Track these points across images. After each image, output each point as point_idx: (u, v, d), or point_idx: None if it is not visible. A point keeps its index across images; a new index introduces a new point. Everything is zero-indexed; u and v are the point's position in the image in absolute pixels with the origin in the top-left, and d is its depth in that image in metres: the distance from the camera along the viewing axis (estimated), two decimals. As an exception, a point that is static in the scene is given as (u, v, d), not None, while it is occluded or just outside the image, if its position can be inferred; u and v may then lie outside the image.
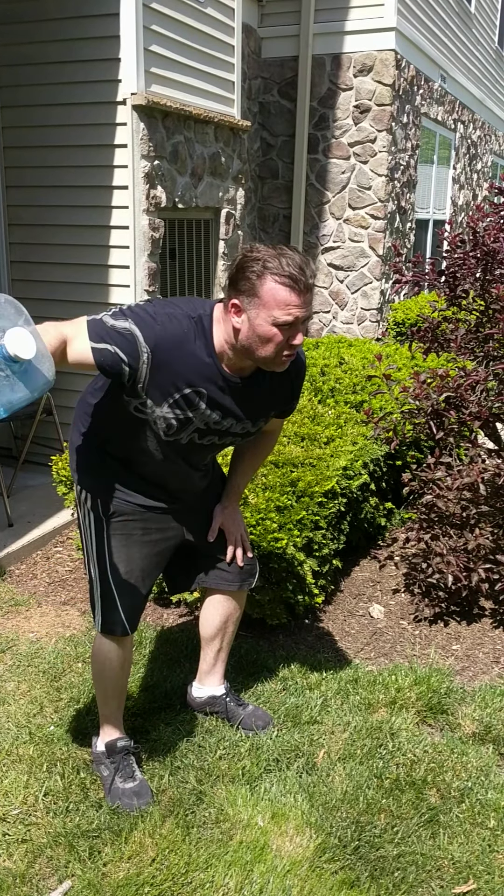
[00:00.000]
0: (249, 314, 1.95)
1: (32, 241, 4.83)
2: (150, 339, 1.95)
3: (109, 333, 1.93)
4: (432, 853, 2.17)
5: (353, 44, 7.16)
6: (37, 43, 4.53)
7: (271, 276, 1.90)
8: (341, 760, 2.51)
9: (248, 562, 2.53)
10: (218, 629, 2.59)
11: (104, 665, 2.35)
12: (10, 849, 2.16)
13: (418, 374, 3.48)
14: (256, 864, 2.11)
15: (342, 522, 3.47)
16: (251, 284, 1.92)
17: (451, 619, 3.39)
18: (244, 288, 1.93)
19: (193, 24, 4.87)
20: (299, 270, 1.90)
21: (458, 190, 10.43)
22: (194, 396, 2.05)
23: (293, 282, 1.89)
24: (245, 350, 2.00)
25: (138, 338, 1.94)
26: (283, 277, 1.89)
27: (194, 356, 2.01)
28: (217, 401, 2.09)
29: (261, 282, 1.91)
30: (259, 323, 1.94)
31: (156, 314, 1.98)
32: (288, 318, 1.92)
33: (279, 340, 1.95)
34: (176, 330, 1.98)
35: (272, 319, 1.92)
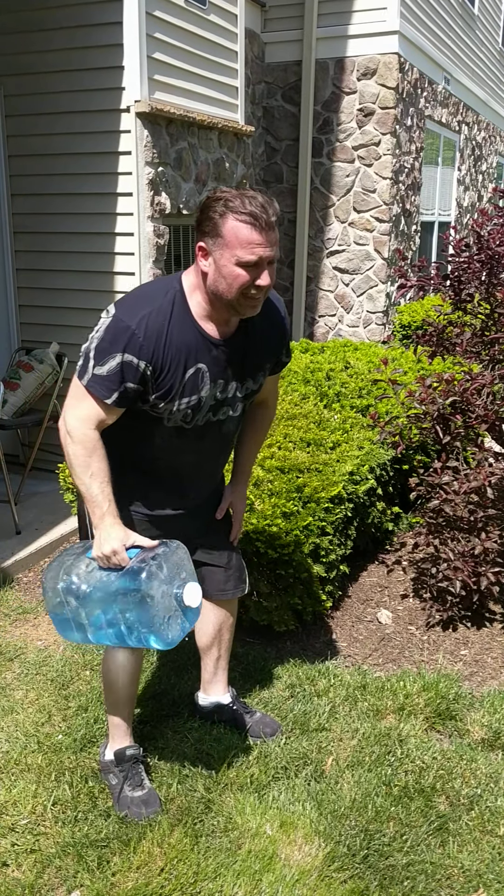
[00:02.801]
0: (214, 256, 1.96)
1: (38, 249, 4.84)
2: (140, 353, 1.99)
3: (109, 378, 2.00)
4: (442, 862, 2.16)
5: (357, 47, 7.16)
6: (41, 52, 4.54)
7: (233, 215, 1.91)
8: (350, 768, 2.50)
9: (238, 569, 2.52)
10: (213, 638, 2.59)
11: (115, 675, 2.34)
12: (20, 859, 2.16)
13: (424, 379, 3.48)
14: (265, 873, 2.11)
15: (349, 527, 3.46)
16: (214, 224, 1.94)
17: (459, 624, 3.38)
18: (208, 229, 1.96)
19: (196, 31, 4.88)
20: (261, 209, 1.91)
21: (463, 191, 10.41)
22: (196, 377, 2.08)
23: (254, 219, 1.91)
24: (214, 295, 2.01)
25: (132, 362, 1.99)
26: (244, 215, 1.91)
27: (180, 336, 2.04)
28: (217, 372, 2.11)
29: (223, 221, 1.92)
30: (223, 264, 1.95)
31: (129, 321, 1.99)
32: (251, 257, 1.93)
33: (244, 281, 1.95)
34: (155, 324, 2.01)
35: (235, 259, 1.93)
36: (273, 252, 1.96)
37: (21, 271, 4.94)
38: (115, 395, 2.01)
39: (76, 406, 2.06)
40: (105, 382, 2.01)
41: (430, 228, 9.21)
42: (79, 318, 4.73)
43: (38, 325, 4.92)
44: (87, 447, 2.03)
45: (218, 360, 2.11)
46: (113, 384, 2.00)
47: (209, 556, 2.46)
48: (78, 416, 2.05)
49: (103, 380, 2.00)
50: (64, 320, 4.84)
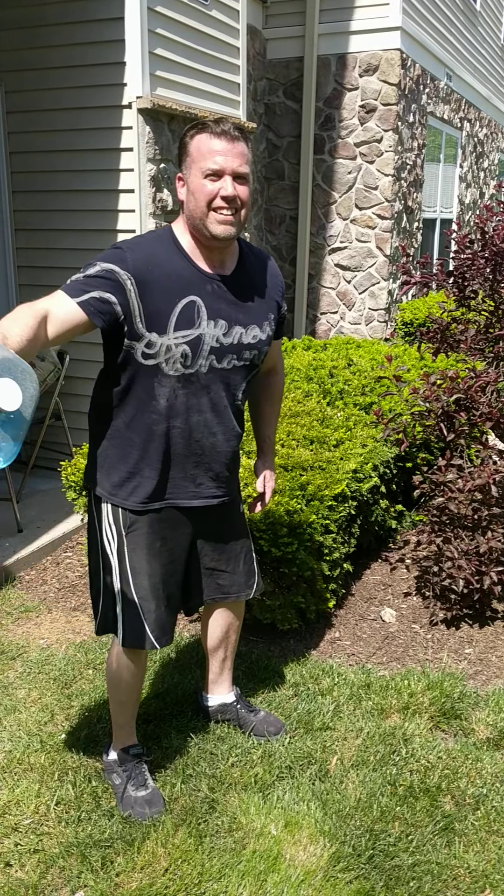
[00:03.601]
0: (187, 178, 2.03)
1: (39, 246, 4.82)
2: (126, 266, 1.97)
3: (88, 283, 1.95)
4: (448, 862, 2.15)
5: (359, 44, 7.14)
6: (42, 48, 4.53)
7: (199, 133, 1.99)
8: (354, 767, 2.49)
9: (247, 572, 2.46)
10: (221, 640, 2.58)
11: (120, 675, 2.33)
12: (23, 859, 2.15)
13: (428, 376, 3.46)
14: (270, 873, 2.09)
15: (352, 526, 3.45)
16: (184, 147, 2.02)
17: (463, 623, 3.37)
18: (182, 156, 2.03)
19: (198, 27, 4.86)
20: (226, 125, 1.98)
21: (465, 188, 10.38)
22: (191, 309, 2.04)
23: (214, 125, 1.98)
24: (191, 221, 2.04)
25: (115, 271, 1.96)
26: (205, 128, 1.99)
27: (171, 264, 2.04)
28: (214, 308, 2.08)
29: (191, 140, 2.00)
30: (192, 181, 2.01)
31: (123, 245, 2.02)
32: (213, 165, 1.96)
33: (209, 192, 1.98)
34: (146, 247, 2.03)
35: (200, 170, 1.98)
36: (238, 164, 1.98)
37: (22, 268, 4.92)
38: (85, 295, 1.91)
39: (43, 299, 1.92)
40: (79, 284, 1.93)
41: (432, 225, 9.18)
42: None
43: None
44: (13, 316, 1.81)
45: (216, 297, 2.08)
46: (87, 286, 1.92)
47: (217, 561, 2.39)
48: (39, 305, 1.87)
49: (77, 282, 1.94)
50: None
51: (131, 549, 2.19)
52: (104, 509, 2.20)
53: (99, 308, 1.94)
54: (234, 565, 2.41)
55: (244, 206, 2.03)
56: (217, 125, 1.98)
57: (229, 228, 2.02)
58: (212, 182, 1.97)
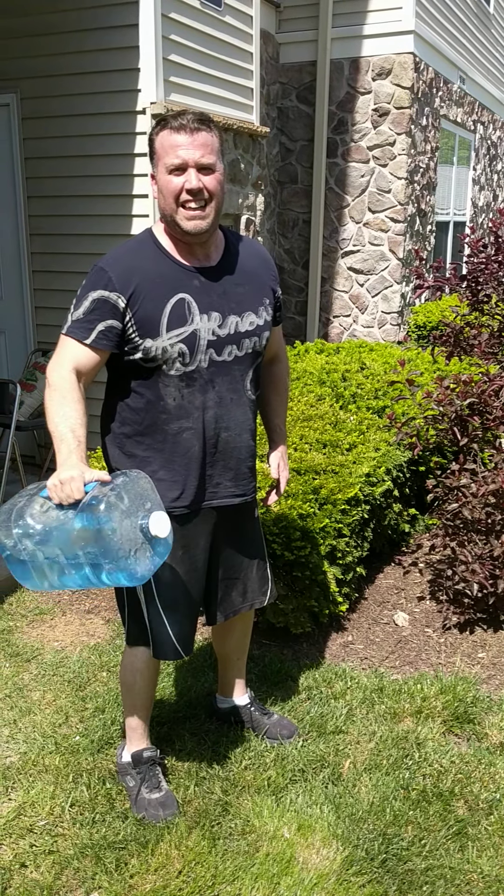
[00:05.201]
0: (157, 177, 2.04)
1: (54, 251, 4.86)
2: (112, 286, 2.01)
3: (88, 320, 2.01)
4: (461, 867, 2.15)
5: (372, 47, 7.14)
6: (57, 55, 4.56)
7: (161, 130, 2.01)
8: (367, 771, 2.49)
9: (260, 580, 2.44)
10: (232, 645, 2.59)
11: (134, 678, 2.34)
12: (38, 860, 2.17)
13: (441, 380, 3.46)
14: (283, 876, 2.10)
15: (365, 529, 3.45)
16: (152, 147, 2.05)
17: (477, 627, 3.36)
18: (151, 154, 2.06)
19: (212, 33, 4.88)
20: (185, 118, 1.99)
21: (479, 191, 10.36)
22: (181, 307, 2.05)
23: (172, 120, 2.00)
24: (162, 217, 2.07)
25: (105, 296, 2.01)
26: (165, 124, 2.01)
27: (154, 267, 2.06)
28: (204, 301, 2.08)
29: (156, 139, 2.03)
30: (160, 178, 2.03)
31: (102, 265, 2.06)
32: (175, 159, 1.98)
33: (174, 187, 2.00)
34: (125, 258, 2.07)
35: (165, 167, 2.00)
36: (200, 155, 1.99)
37: (37, 273, 4.96)
38: (93, 333, 2.01)
39: (56, 355, 2.05)
40: (82, 324, 2.02)
41: (446, 228, 9.17)
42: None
43: (55, 326, 4.93)
44: (61, 389, 1.99)
45: (204, 290, 2.09)
46: (90, 323, 2.01)
47: (232, 568, 2.36)
48: (58, 361, 2.04)
49: (80, 322, 2.02)
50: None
51: None
52: None
53: (108, 337, 2.03)
54: (247, 572, 2.40)
55: (213, 198, 2.02)
56: (176, 119, 1.99)
57: (199, 223, 2.03)
58: (176, 177, 1.99)
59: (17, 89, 4.72)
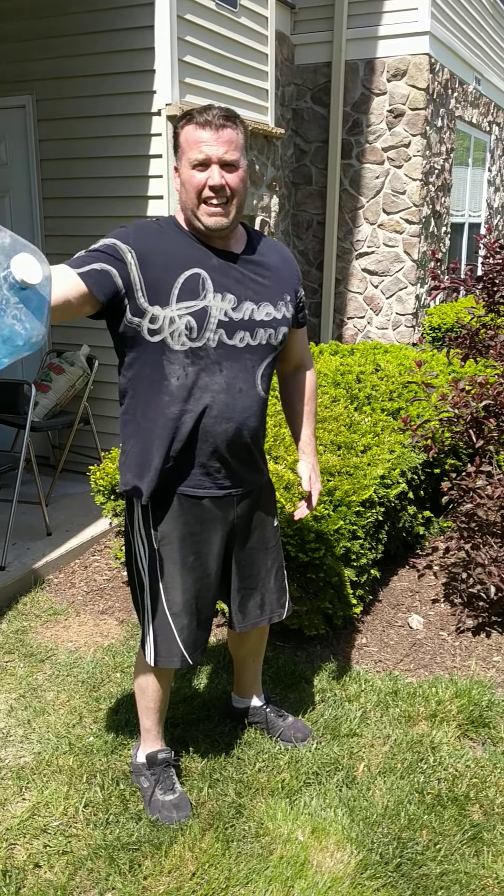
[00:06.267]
0: (180, 170, 2.04)
1: (69, 252, 4.85)
2: (126, 238, 2.01)
3: (89, 256, 1.99)
4: (476, 872, 2.13)
5: (387, 48, 7.12)
6: (72, 56, 4.58)
7: (187, 124, 2.00)
8: (382, 774, 2.48)
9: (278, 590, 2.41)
10: (248, 648, 2.58)
11: (147, 681, 2.34)
12: (52, 860, 2.17)
13: (457, 382, 3.44)
14: (297, 879, 2.09)
15: (380, 532, 3.44)
16: (177, 140, 2.04)
17: (492, 630, 3.34)
18: (175, 148, 2.05)
19: (227, 34, 4.89)
20: (211, 113, 1.98)
21: (494, 192, 10.31)
22: (195, 281, 2.02)
23: (198, 115, 1.98)
24: (185, 213, 2.06)
25: (116, 243, 2.00)
26: (191, 118, 2.00)
27: (172, 240, 2.06)
28: (220, 281, 2.05)
29: (181, 132, 2.02)
30: (183, 172, 2.03)
31: (128, 225, 2.06)
32: (199, 155, 1.97)
33: (197, 182, 1.99)
34: (151, 225, 2.09)
35: (188, 162, 2.00)
36: (224, 152, 1.97)
37: (52, 274, 4.97)
38: (86, 267, 1.93)
39: None
40: (80, 257, 1.98)
41: (461, 230, 9.13)
42: (109, 321, 4.74)
43: (69, 327, 4.95)
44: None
45: (222, 271, 2.06)
46: (88, 259, 1.97)
47: (248, 578, 2.33)
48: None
49: (80, 257, 1.99)
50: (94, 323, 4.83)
51: (164, 563, 2.16)
52: (136, 514, 2.19)
53: (99, 280, 1.94)
54: (265, 582, 2.36)
55: (235, 195, 2.01)
56: (202, 114, 1.98)
57: (220, 220, 2.02)
58: (200, 172, 1.99)
59: (33, 91, 4.74)
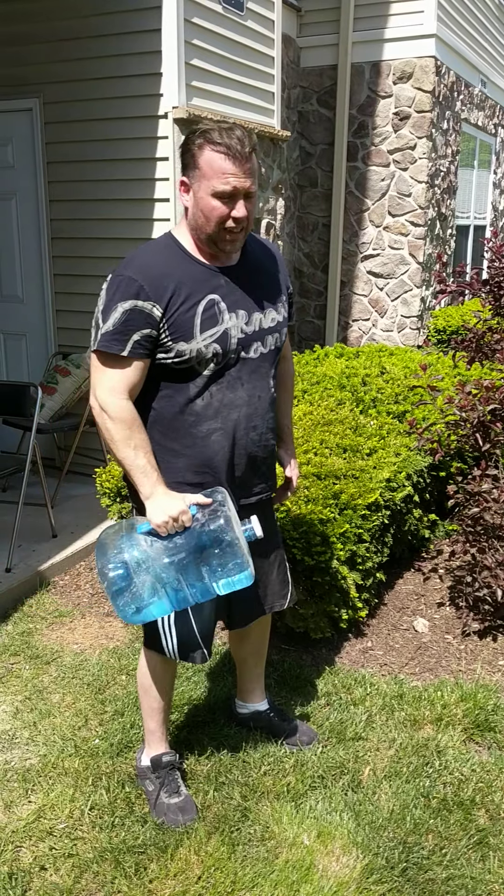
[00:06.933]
0: (193, 188, 2.00)
1: (75, 254, 4.88)
2: (145, 295, 1.98)
3: (122, 331, 1.98)
4: (482, 877, 2.13)
5: (393, 51, 7.12)
6: (80, 59, 4.59)
7: (209, 146, 1.95)
8: (387, 778, 2.48)
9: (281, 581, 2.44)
10: (250, 649, 2.58)
11: (152, 681, 2.34)
12: (57, 863, 2.17)
13: (464, 385, 3.44)
14: (303, 883, 2.09)
15: (385, 535, 3.44)
16: (192, 157, 1.98)
17: (498, 634, 3.33)
18: (188, 162, 2.00)
19: (234, 37, 4.89)
20: (237, 141, 1.94)
21: (500, 195, 10.30)
22: (212, 308, 2.05)
23: (227, 148, 1.94)
24: (196, 230, 2.04)
25: (138, 305, 1.98)
26: (219, 146, 1.94)
27: (181, 269, 2.04)
28: (231, 299, 2.08)
29: (200, 152, 1.97)
30: (201, 196, 1.99)
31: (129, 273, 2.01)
32: (225, 186, 1.95)
33: (221, 213, 1.98)
34: (152, 264, 2.03)
35: (211, 189, 1.96)
36: (249, 184, 1.98)
37: (58, 276, 4.98)
38: (128, 345, 1.98)
39: (101, 377, 2.02)
40: (115, 336, 1.98)
41: (466, 232, 9.12)
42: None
43: (75, 329, 4.96)
44: (125, 420, 2.00)
45: (230, 289, 2.09)
46: (123, 335, 1.98)
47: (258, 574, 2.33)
48: (107, 388, 2.01)
49: (112, 334, 1.98)
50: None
51: None
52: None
53: (143, 346, 2.01)
54: (268, 574, 2.40)
55: (250, 222, 2.04)
56: (223, 137, 1.94)
57: (237, 245, 2.07)
58: (223, 203, 1.97)
59: (40, 94, 4.75)
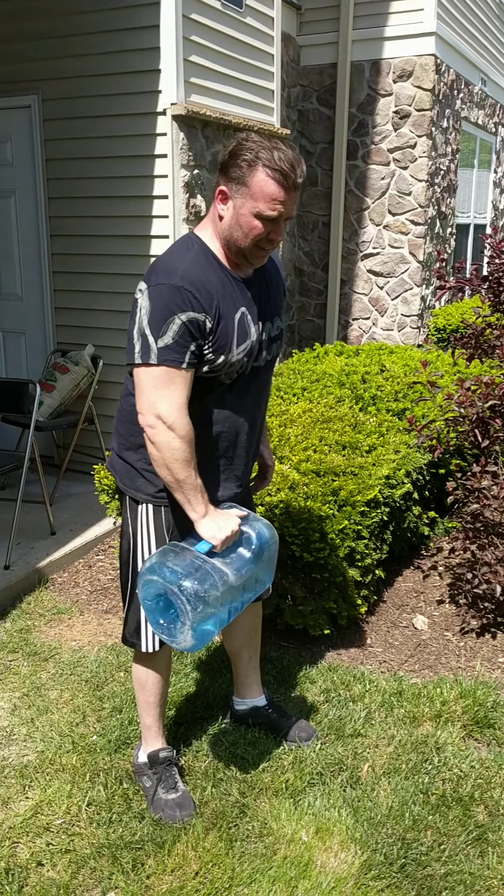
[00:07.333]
0: (235, 202, 1.97)
1: (74, 252, 4.88)
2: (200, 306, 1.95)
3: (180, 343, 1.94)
4: (481, 873, 2.12)
5: (393, 49, 7.12)
6: (78, 56, 4.58)
7: (263, 168, 1.92)
8: (386, 775, 2.47)
9: None
10: (242, 641, 2.58)
11: (147, 676, 2.34)
12: (54, 859, 2.16)
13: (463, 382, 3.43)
14: (301, 880, 2.08)
15: (385, 532, 3.43)
16: (241, 173, 1.94)
17: (497, 631, 3.32)
18: (234, 175, 1.95)
19: (233, 34, 4.89)
20: (290, 167, 1.92)
21: (500, 194, 10.29)
22: (244, 321, 2.06)
23: (283, 177, 1.91)
24: (227, 241, 2.02)
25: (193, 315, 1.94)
26: (275, 172, 1.91)
27: (218, 280, 2.02)
28: (253, 311, 2.10)
29: (251, 171, 1.93)
30: (243, 213, 1.96)
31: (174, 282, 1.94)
32: (272, 213, 1.94)
33: (259, 232, 1.97)
34: (192, 266, 1.98)
35: (256, 211, 1.94)
36: (292, 210, 1.99)
37: (57, 274, 4.97)
38: (186, 356, 1.95)
39: (163, 394, 1.95)
40: (174, 349, 1.93)
41: (466, 231, 9.11)
42: (114, 321, 4.75)
43: (74, 327, 4.96)
44: (189, 440, 1.98)
45: (252, 301, 2.10)
46: (181, 347, 1.94)
47: None
48: (174, 405, 1.95)
49: (172, 347, 1.93)
50: (99, 322, 4.86)
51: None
52: (142, 511, 2.20)
53: (196, 357, 1.99)
54: None
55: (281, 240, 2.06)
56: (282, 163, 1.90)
57: (265, 259, 2.09)
58: (264, 224, 1.96)
59: (38, 91, 4.74)
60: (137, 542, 2.22)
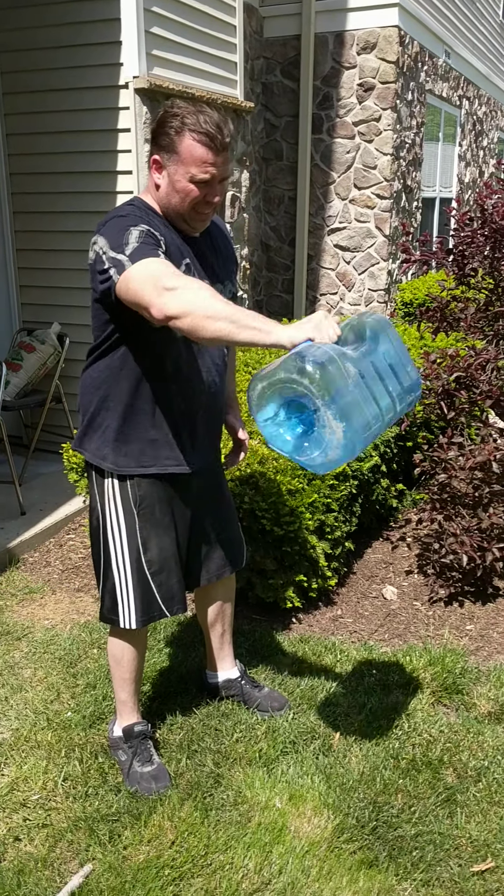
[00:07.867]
0: (169, 170, 2.01)
1: (38, 229, 4.81)
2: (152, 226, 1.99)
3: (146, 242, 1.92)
4: (450, 832, 2.18)
5: (357, 21, 7.07)
6: (37, 28, 4.49)
7: (189, 133, 1.96)
8: (357, 742, 2.52)
9: (239, 543, 2.54)
10: (216, 614, 2.60)
11: (123, 652, 2.35)
12: (31, 833, 2.18)
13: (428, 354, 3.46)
14: (275, 845, 2.12)
15: (354, 504, 3.46)
16: (170, 140, 1.98)
17: (465, 600, 3.39)
18: (164, 143, 2.00)
19: (194, 5, 4.82)
20: (216, 128, 1.96)
21: (465, 167, 10.31)
22: (189, 272, 2.08)
23: (210, 139, 1.96)
24: (167, 208, 2.06)
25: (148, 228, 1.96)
26: (201, 135, 1.96)
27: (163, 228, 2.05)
28: (202, 269, 2.14)
29: (179, 138, 1.97)
30: (177, 179, 2.00)
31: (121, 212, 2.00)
32: (205, 175, 1.98)
33: (195, 196, 2.01)
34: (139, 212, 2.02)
35: (189, 176, 1.98)
36: (225, 171, 2.02)
37: (21, 251, 4.91)
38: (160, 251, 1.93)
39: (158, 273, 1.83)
40: (144, 248, 1.90)
41: (432, 205, 9.13)
42: (79, 298, 4.70)
43: (39, 305, 4.90)
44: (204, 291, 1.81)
45: (199, 257, 2.14)
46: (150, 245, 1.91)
47: (217, 530, 2.43)
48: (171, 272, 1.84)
49: (140, 249, 1.90)
50: (65, 300, 4.82)
51: (142, 524, 2.22)
52: (108, 486, 2.21)
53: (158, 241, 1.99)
54: (228, 533, 2.47)
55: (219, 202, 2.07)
56: (207, 125, 1.93)
57: (206, 223, 2.11)
58: (199, 188, 1.99)
59: (-3, 64, 4.65)
60: (106, 517, 2.23)
